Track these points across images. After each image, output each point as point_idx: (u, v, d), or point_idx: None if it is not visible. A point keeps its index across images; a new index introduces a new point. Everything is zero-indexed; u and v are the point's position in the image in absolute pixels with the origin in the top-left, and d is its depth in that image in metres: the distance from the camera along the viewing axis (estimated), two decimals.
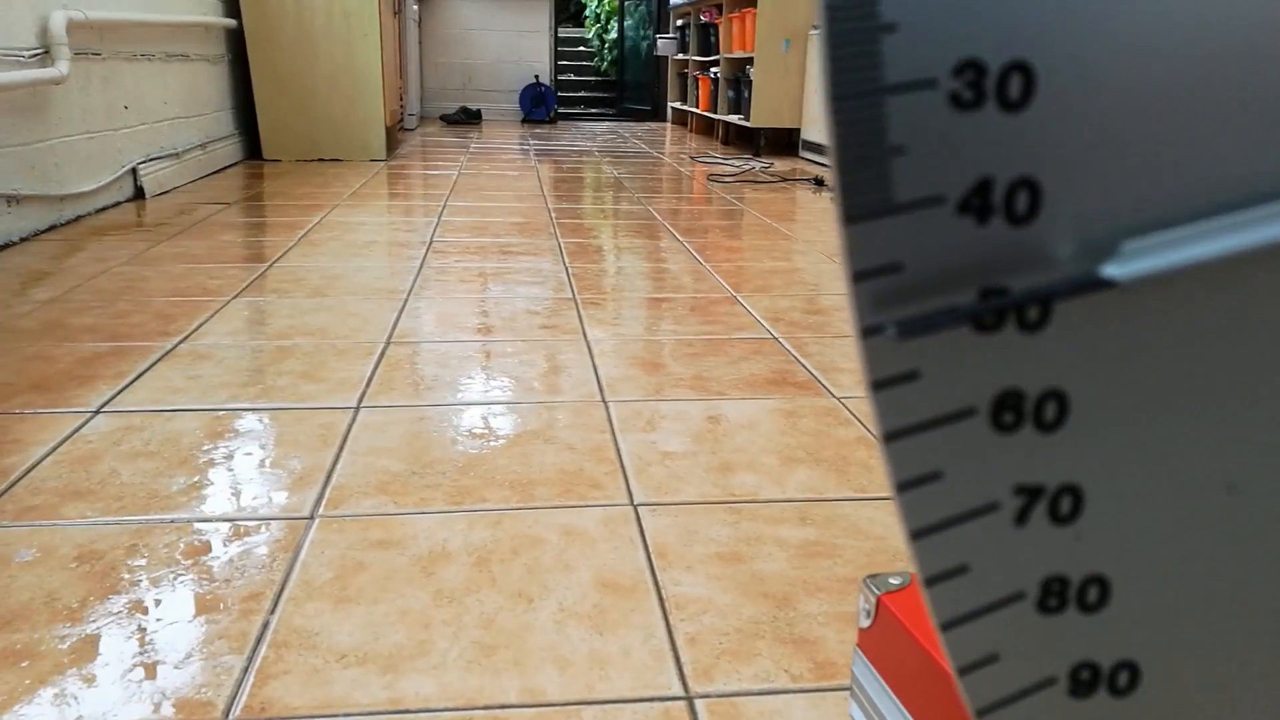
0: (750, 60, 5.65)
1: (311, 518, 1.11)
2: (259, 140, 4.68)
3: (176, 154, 3.79)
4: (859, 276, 0.14)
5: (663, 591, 0.97)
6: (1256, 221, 0.14)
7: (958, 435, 0.15)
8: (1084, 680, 0.17)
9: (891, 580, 0.52)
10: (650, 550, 1.05)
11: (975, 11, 0.13)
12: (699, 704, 0.80)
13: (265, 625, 0.89)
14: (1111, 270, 0.14)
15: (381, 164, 4.73)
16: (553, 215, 3.41)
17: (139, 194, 3.42)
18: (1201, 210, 0.14)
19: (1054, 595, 0.16)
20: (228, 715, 0.77)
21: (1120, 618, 0.16)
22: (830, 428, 1.42)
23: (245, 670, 0.83)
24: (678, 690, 0.81)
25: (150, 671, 0.82)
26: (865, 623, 0.53)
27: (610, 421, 1.43)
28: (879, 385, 0.15)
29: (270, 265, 2.44)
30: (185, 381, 1.56)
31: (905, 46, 0.13)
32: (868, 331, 0.15)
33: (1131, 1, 0.13)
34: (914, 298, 0.14)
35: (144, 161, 3.46)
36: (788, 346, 1.83)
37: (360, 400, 1.49)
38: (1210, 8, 0.13)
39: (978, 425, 0.15)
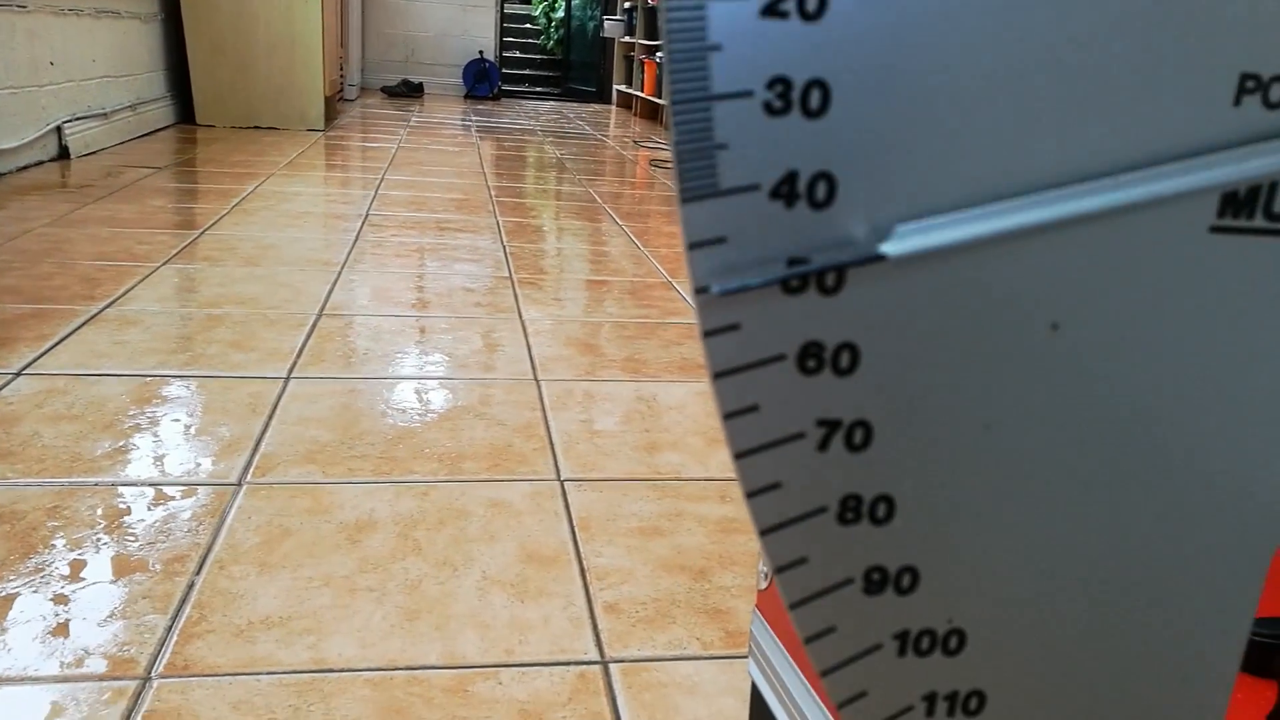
0: None
1: (239, 484, 1.12)
2: (192, 104, 4.57)
3: (104, 114, 3.69)
4: (692, 246, 0.17)
5: (584, 563, 1.00)
6: (997, 214, 0.18)
7: (771, 376, 0.18)
8: (875, 581, 0.20)
9: None
10: (574, 523, 1.08)
11: (784, 37, 0.16)
12: (613, 668, 0.83)
13: (190, 586, 0.91)
14: (887, 248, 0.18)
15: (319, 134, 4.66)
16: (492, 193, 3.40)
17: (64, 154, 3.33)
18: (957, 202, 0.18)
19: (850, 510, 0.19)
20: (150, 671, 0.78)
21: (903, 530, 0.20)
22: None
23: (168, 630, 0.84)
24: (594, 655, 0.85)
25: (71, 630, 0.83)
26: (763, 584, 0.56)
27: (541, 399, 1.45)
28: (708, 334, 0.18)
29: (202, 232, 2.41)
30: (111, 347, 1.54)
31: (728, 64, 0.16)
32: (699, 290, 0.18)
33: (906, 37, 0.16)
34: (735, 265, 0.17)
35: (69, 120, 3.37)
36: None
37: (290, 371, 1.50)
38: (970, 37, 0.17)
39: (787, 368, 0.18)
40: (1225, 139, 0.18)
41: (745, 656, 0.86)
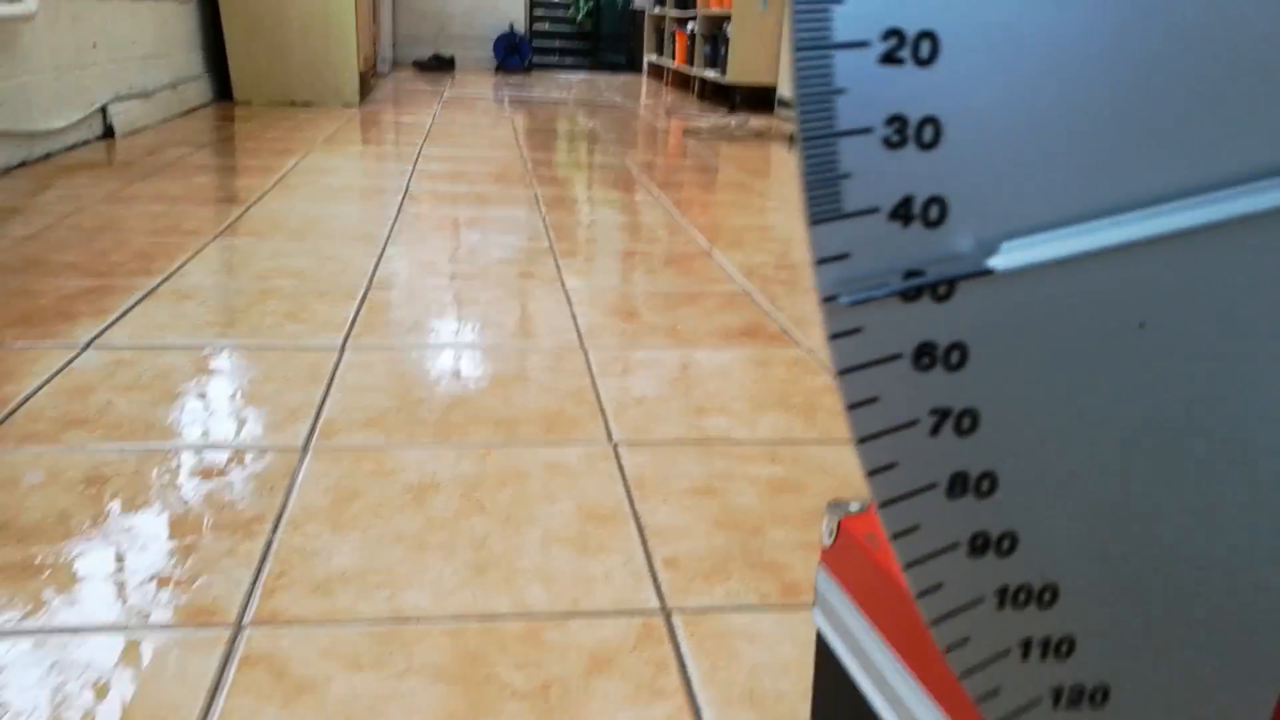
0: (728, 17, 5.65)
1: (305, 449, 1.16)
2: (229, 82, 4.63)
3: (146, 93, 3.75)
4: (820, 262, 0.20)
5: (640, 520, 1.04)
6: (1089, 231, 0.20)
7: (889, 373, 0.21)
8: (978, 545, 0.24)
9: (851, 506, 0.59)
10: (629, 484, 1.12)
11: (901, 81, 0.19)
12: (675, 617, 0.87)
13: (268, 545, 0.95)
14: (993, 262, 0.21)
15: (355, 109, 4.70)
16: (529, 165, 3.43)
17: (109, 133, 3.39)
18: (1054, 221, 0.20)
19: (958, 485, 0.22)
20: (241, 621, 0.83)
21: (1005, 501, 0.23)
22: (799, 376, 1.49)
23: (253, 584, 0.89)
24: (655, 605, 0.89)
25: (166, 583, 0.88)
26: (828, 541, 0.59)
27: (589, 366, 1.49)
28: (834, 337, 0.21)
29: (247, 208, 2.46)
30: (171, 319, 1.59)
31: (852, 105, 0.19)
32: (827, 299, 0.21)
33: (1008, 80, 0.19)
34: (858, 277, 0.20)
35: (113, 100, 3.43)
36: (760, 300, 1.89)
37: (345, 340, 1.54)
38: (1059, 85, 0.20)
39: (903, 366, 0.21)
40: None
41: (800, 609, 0.89)
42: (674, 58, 7.08)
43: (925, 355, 0.22)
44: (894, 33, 0.20)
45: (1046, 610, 0.26)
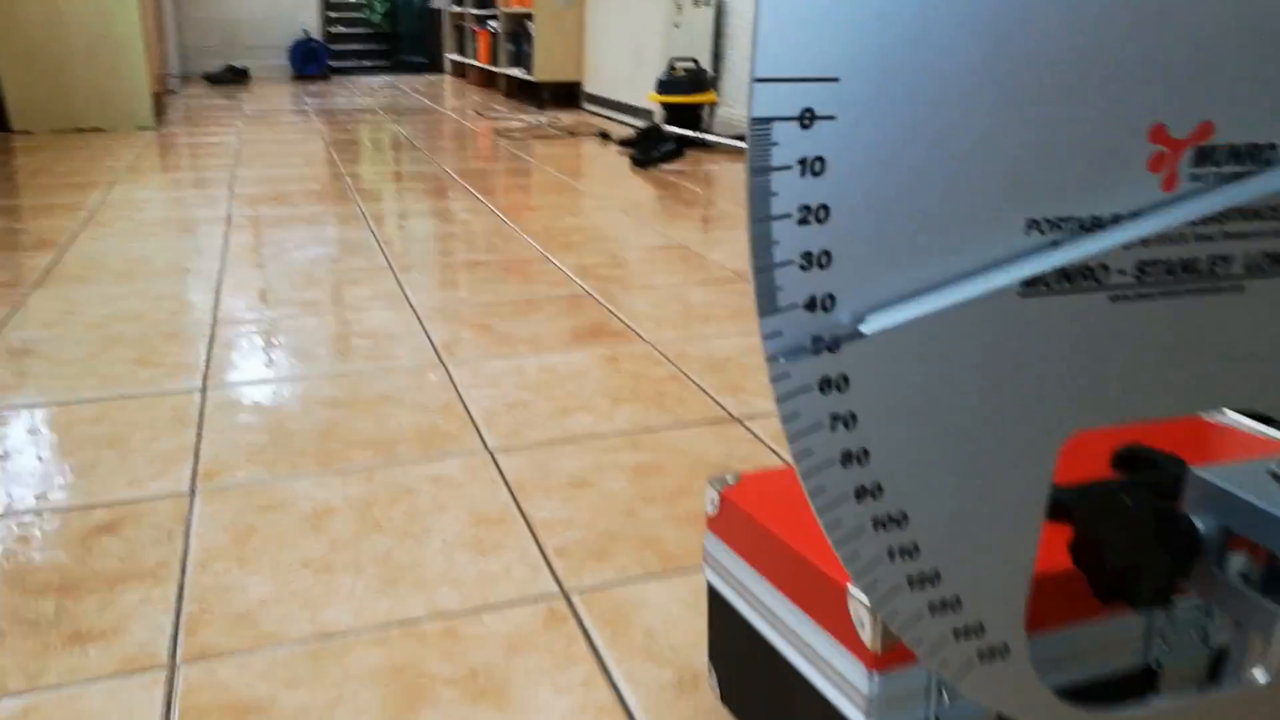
0: (529, 15, 5.73)
1: (193, 492, 1.20)
2: (4, 110, 4.33)
3: None
4: (766, 337, 0.33)
5: (528, 518, 1.15)
6: (918, 305, 0.34)
7: (805, 397, 0.34)
8: (860, 493, 0.37)
9: (727, 479, 0.72)
10: (511, 486, 1.22)
11: (808, 233, 0.32)
12: (574, 597, 0.99)
13: (180, 587, 1.00)
14: (863, 327, 0.34)
15: (152, 132, 4.50)
16: (348, 181, 3.42)
17: None
18: (895, 301, 0.34)
19: (847, 460, 0.35)
20: (174, 660, 0.89)
21: (876, 467, 0.36)
22: (646, 369, 1.63)
23: (176, 625, 0.94)
24: (555, 589, 1.00)
25: (87, 639, 0.92)
26: (711, 511, 0.73)
27: (452, 380, 1.57)
28: (774, 379, 0.34)
29: (63, 251, 2.37)
30: (13, 379, 1.56)
31: (779, 200, 0.32)
32: (770, 359, 0.33)
33: (866, 234, 0.32)
34: (786, 344, 0.33)
35: None
36: (600, 300, 2.02)
37: (204, 380, 1.56)
38: (905, 204, 0.32)
39: (813, 392, 0.34)
40: (1018, 251, 0.34)
41: (680, 574, 1.03)
42: (477, 57, 7.09)
43: (825, 385, 0.35)
44: (805, 208, 0.33)
45: (899, 528, 0.40)
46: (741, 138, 4.19)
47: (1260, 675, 0.48)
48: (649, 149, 3.92)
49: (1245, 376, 0.42)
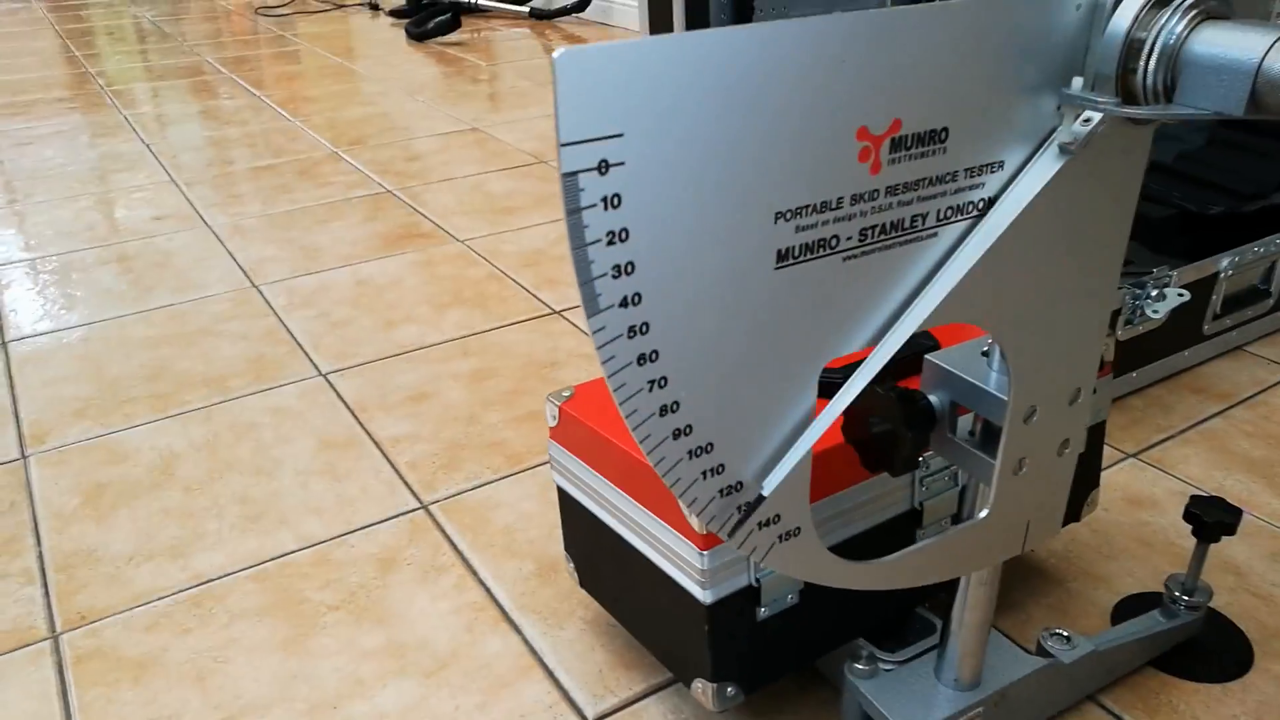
0: None
1: (24, 457, 1.19)
2: None
3: None
4: (594, 331, 0.42)
5: (375, 437, 1.21)
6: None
7: (631, 369, 0.44)
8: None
9: (564, 394, 0.82)
10: (352, 409, 1.28)
11: (615, 251, 0.40)
12: (433, 508, 1.08)
13: (41, 557, 1.02)
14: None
15: None
16: (99, 81, 3.14)
17: None
18: (686, 293, 0.43)
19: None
20: (54, 630, 0.92)
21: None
22: (463, 270, 1.68)
23: (47, 594, 0.97)
24: (414, 504, 1.09)
25: None
26: (553, 423, 0.83)
27: (269, 304, 1.57)
28: (604, 360, 0.43)
29: None
30: None
31: (591, 229, 0.40)
32: (599, 347, 0.42)
33: (659, 261, 0.41)
34: (610, 334, 0.42)
35: None
36: (404, 198, 2.03)
37: (1, 334, 1.49)
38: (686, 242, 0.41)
39: (634, 365, 0.44)
40: (770, 237, 0.44)
41: (527, 472, 1.13)
42: None
43: (641, 359, 0.45)
44: (610, 233, 0.41)
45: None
46: (520, 1, 4.09)
47: (982, 512, 0.64)
48: (423, 20, 3.78)
49: (946, 299, 0.54)
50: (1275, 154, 1.48)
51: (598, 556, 0.83)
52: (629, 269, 0.43)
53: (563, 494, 0.85)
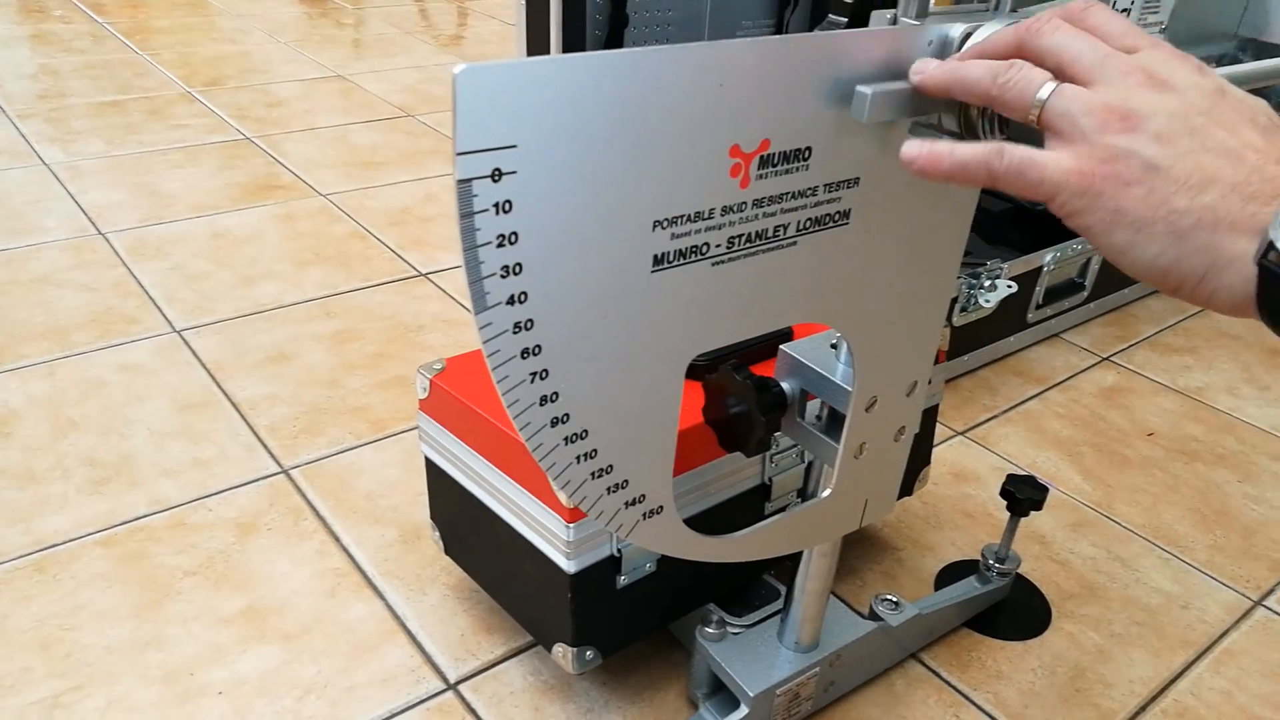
0: None
1: None
2: None
3: None
4: (481, 326, 0.44)
5: (233, 399, 1.19)
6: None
7: (514, 362, 0.46)
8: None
9: (435, 366, 0.83)
10: (208, 368, 1.24)
11: (505, 253, 0.43)
12: (294, 473, 1.07)
13: None
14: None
15: None
16: None
17: None
18: (568, 289, 0.46)
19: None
20: None
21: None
22: (325, 226, 1.64)
23: None
24: (274, 468, 1.08)
25: None
26: (423, 395, 0.84)
27: (117, 254, 1.50)
28: (489, 354, 0.45)
29: None
30: None
31: (483, 229, 0.43)
32: (485, 342, 0.45)
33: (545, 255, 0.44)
34: (496, 330, 0.45)
35: None
36: (263, 147, 1.95)
37: None
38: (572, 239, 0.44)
39: (517, 359, 0.46)
40: (648, 243, 0.47)
41: (390, 438, 1.14)
42: None
43: (524, 353, 0.47)
44: (500, 235, 0.44)
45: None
46: None
47: (825, 491, 0.70)
48: None
49: (802, 301, 0.59)
50: None
51: (464, 526, 0.85)
52: (516, 269, 0.46)
53: (430, 464, 0.87)
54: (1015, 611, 0.96)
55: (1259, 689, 0.89)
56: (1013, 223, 1.53)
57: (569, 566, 0.73)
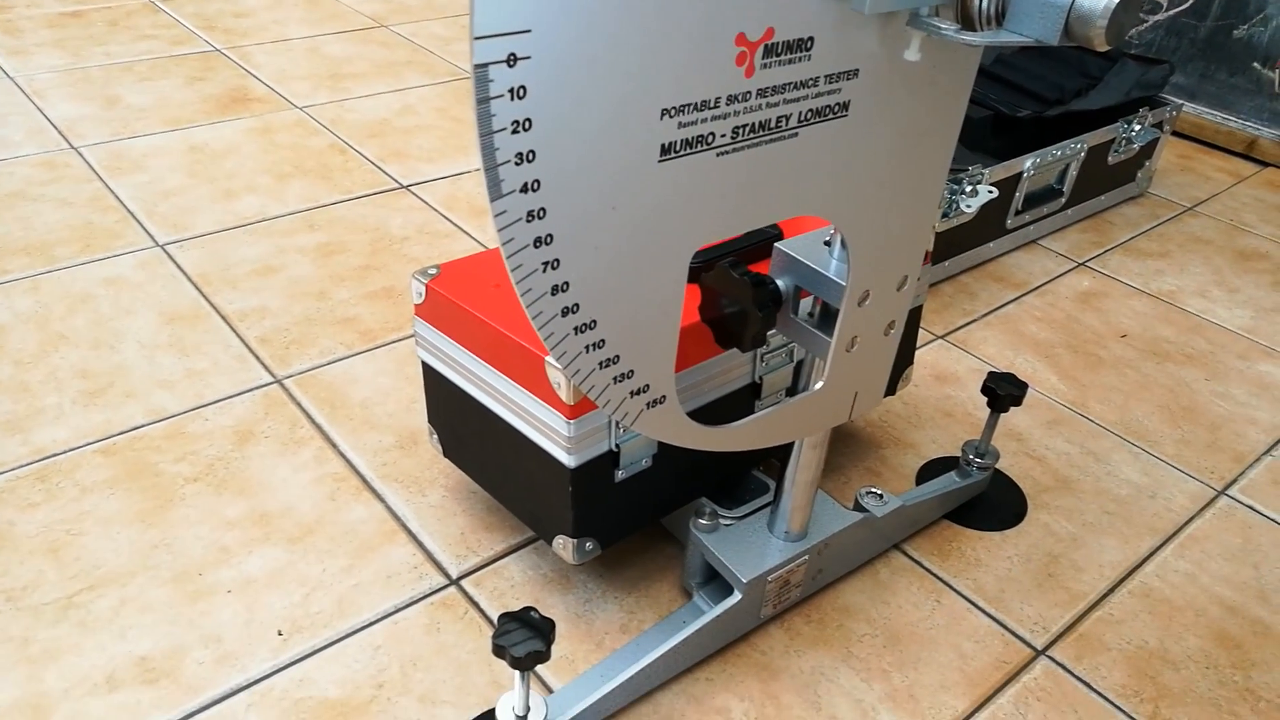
0: None
1: None
2: None
3: None
4: (495, 214, 0.45)
5: (221, 311, 1.19)
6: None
7: (527, 251, 0.47)
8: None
9: (430, 271, 0.84)
10: (195, 281, 1.24)
11: (520, 139, 0.44)
12: (287, 382, 1.08)
13: None
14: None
15: None
16: None
17: None
18: (580, 176, 0.47)
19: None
20: None
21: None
22: (304, 139, 1.62)
23: None
24: (268, 378, 1.09)
25: None
26: (419, 300, 0.85)
27: (92, 168, 1.48)
28: (504, 243, 0.46)
29: None
30: None
31: (499, 112, 0.43)
32: (500, 230, 0.46)
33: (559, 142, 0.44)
34: (510, 218, 0.46)
35: None
36: (234, 59, 1.91)
37: None
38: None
39: (530, 247, 0.47)
40: (656, 132, 0.48)
41: (380, 348, 1.15)
42: None
43: (539, 241, 0.48)
44: (515, 122, 0.44)
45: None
46: None
47: (817, 384, 0.72)
48: None
49: (802, 193, 0.61)
50: (1075, 64, 1.63)
51: (463, 428, 0.87)
52: (530, 157, 0.47)
53: (428, 369, 0.88)
54: (993, 504, 1.00)
55: (1220, 570, 0.94)
56: (991, 131, 1.54)
57: (569, 461, 0.75)
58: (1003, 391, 0.93)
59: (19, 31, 1.96)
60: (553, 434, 0.75)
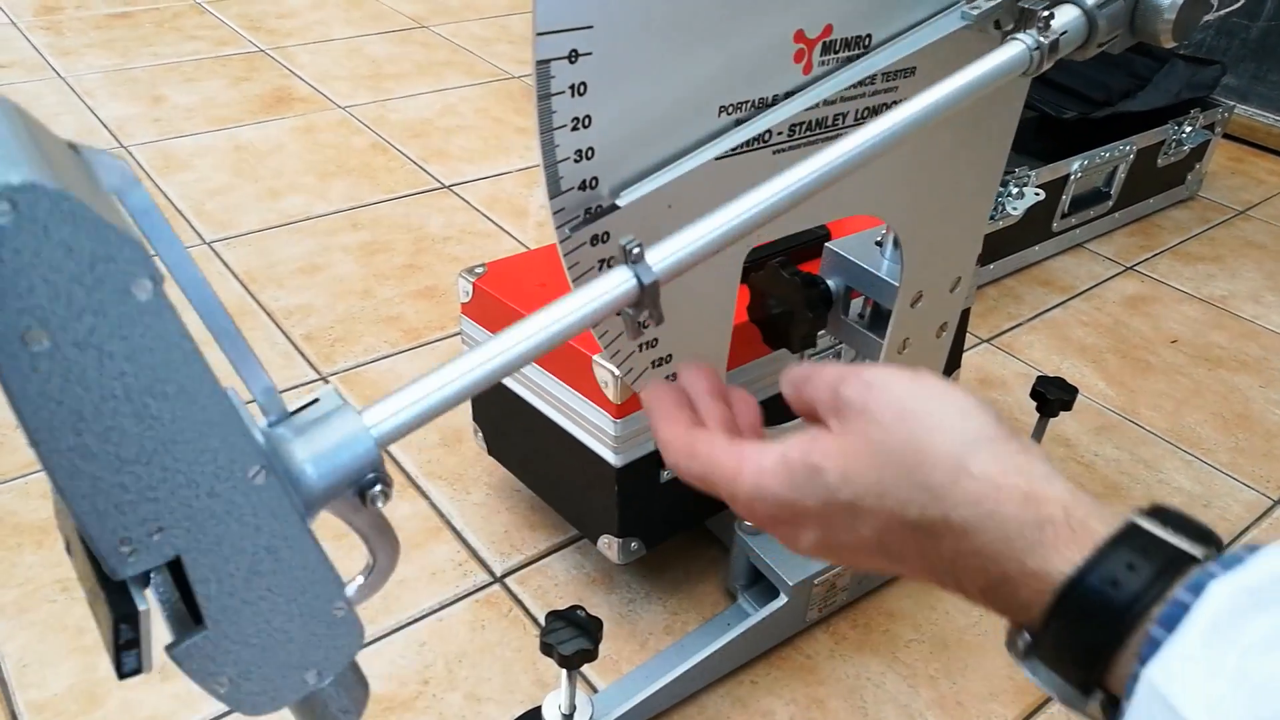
0: None
1: None
2: None
3: None
4: (554, 211, 0.45)
5: (267, 309, 1.20)
6: (650, 182, 0.47)
7: (583, 250, 0.47)
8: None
9: (477, 269, 0.84)
10: (240, 279, 1.26)
11: (577, 137, 0.44)
12: (333, 379, 1.09)
13: None
14: (619, 200, 0.47)
15: None
16: None
17: None
18: (642, 175, 0.47)
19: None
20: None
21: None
22: (348, 138, 1.64)
23: None
24: (313, 375, 1.10)
25: None
26: (466, 299, 0.85)
27: (141, 166, 1.50)
28: (562, 240, 0.46)
29: None
30: None
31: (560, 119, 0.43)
32: (558, 228, 0.46)
33: (619, 135, 0.44)
34: (568, 215, 0.46)
35: None
36: (278, 59, 1.93)
37: None
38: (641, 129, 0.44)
39: (587, 246, 0.47)
40: (715, 130, 0.48)
41: (424, 346, 1.15)
42: None
43: (595, 239, 0.48)
44: (575, 119, 0.44)
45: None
46: None
47: None
48: None
49: (858, 192, 0.60)
50: (1123, 64, 1.60)
51: (508, 426, 0.87)
52: (589, 154, 0.47)
53: None
54: None
55: None
56: (1036, 132, 1.52)
57: (616, 460, 0.75)
58: (1052, 396, 0.91)
59: (68, 33, 1.99)
60: (599, 433, 0.75)
